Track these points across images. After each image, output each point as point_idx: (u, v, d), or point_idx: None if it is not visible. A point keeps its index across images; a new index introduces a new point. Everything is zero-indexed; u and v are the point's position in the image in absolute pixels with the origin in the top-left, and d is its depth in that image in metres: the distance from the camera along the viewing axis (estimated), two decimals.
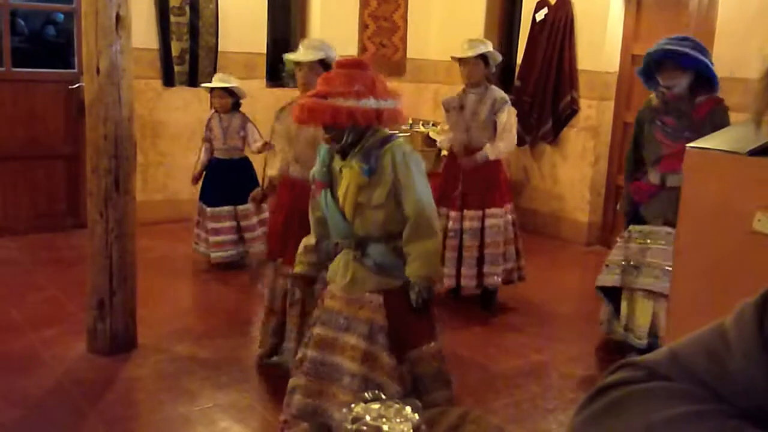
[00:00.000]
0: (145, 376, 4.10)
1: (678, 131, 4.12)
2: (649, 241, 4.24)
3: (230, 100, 5.91)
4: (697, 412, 0.72)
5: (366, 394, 1.05)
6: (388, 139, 2.92)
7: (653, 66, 4.14)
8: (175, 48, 7.12)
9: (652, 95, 4.30)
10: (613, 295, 4.46)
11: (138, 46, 4.56)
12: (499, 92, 5.08)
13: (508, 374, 4.32)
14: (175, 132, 7.12)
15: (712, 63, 4.06)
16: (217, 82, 5.90)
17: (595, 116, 7.08)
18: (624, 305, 4.35)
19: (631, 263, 4.28)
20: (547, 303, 5.67)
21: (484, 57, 4.99)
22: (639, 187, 4.35)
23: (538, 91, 7.32)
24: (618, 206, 4.78)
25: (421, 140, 7.35)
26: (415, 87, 8.31)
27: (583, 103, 7.13)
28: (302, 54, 4.01)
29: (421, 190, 2.88)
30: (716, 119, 3.93)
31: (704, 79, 4.07)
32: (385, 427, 0.97)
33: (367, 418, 1.00)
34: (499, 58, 5.13)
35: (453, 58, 5.12)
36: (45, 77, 6.78)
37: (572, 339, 4.95)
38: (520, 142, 7.58)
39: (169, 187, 7.19)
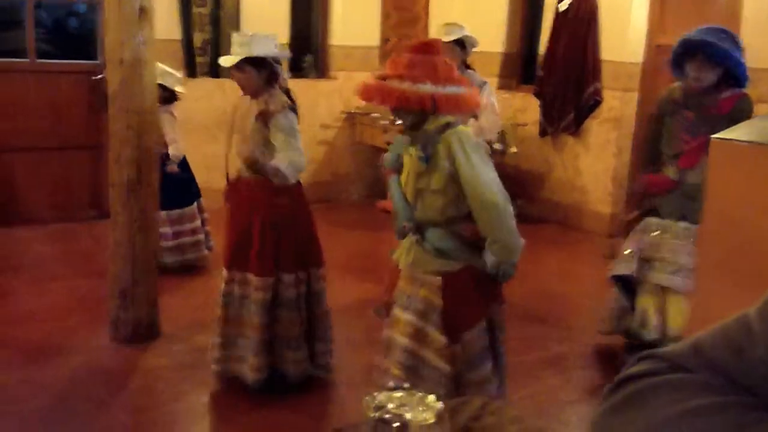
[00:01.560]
0: (167, 365, 4.14)
1: (695, 126, 4.03)
2: (666, 235, 4.18)
3: (162, 94, 5.08)
4: (718, 403, 0.71)
5: (390, 383, 1.05)
6: (447, 126, 2.88)
7: (685, 54, 4.02)
8: (198, 39, 7.14)
9: (675, 85, 4.22)
10: (627, 285, 4.39)
11: (160, 37, 4.58)
12: (475, 76, 5.07)
13: (529, 366, 4.31)
14: (197, 123, 7.15)
15: (744, 60, 3.96)
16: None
17: (618, 107, 7.02)
18: (639, 298, 4.29)
19: (645, 256, 4.22)
20: (569, 294, 5.65)
21: (460, 42, 4.98)
22: (655, 181, 4.26)
23: (561, 82, 7.27)
24: (635, 188, 4.66)
25: None
26: None
27: (607, 94, 7.07)
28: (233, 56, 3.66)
29: (483, 179, 2.83)
30: (737, 114, 3.82)
31: (731, 75, 3.98)
32: (408, 416, 0.97)
33: (390, 406, 1.00)
34: (476, 42, 5.12)
35: None
36: (68, 68, 6.84)
37: (593, 331, 4.92)
38: (543, 132, 7.56)
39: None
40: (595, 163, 7.24)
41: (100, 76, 6.34)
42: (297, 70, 7.95)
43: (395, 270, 3.12)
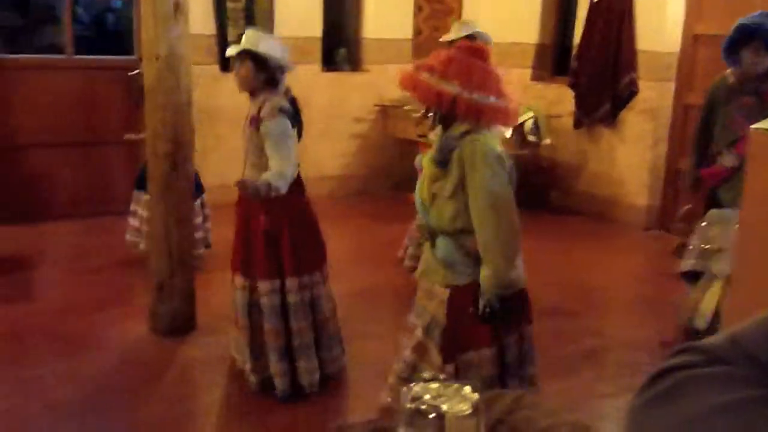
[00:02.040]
0: (203, 357, 4.19)
1: (755, 111, 3.97)
2: (728, 225, 4.12)
3: None
4: (756, 396, 0.71)
5: (424, 374, 1.05)
6: (469, 132, 2.72)
7: (740, 39, 3.96)
8: (232, 33, 7.19)
9: (726, 73, 4.16)
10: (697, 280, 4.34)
11: (195, 32, 4.61)
12: None
13: (563, 359, 4.29)
14: (231, 117, 7.19)
15: None
16: None
17: (654, 98, 6.93)
18: (697, 289, 4.24)
19: (709, 247, 4.17)
20: (604, 287, 5.60)
21: (472, 38, 4.85)
22: (711, 173, 4.19)
23: (596, 73, 7.19)
24: (684, 178, 4.56)
25: None
26: None
27: (643, 84, 6.99)
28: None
29: (482, 193, 2.67)
30: None
31: None
32: (444, 407, 0.98)
33: (426, 397, 1.00)
34: (490, 39, 4.91)
35: (441, 42, 5.00)
36: (105, 64, 6.92)
37: (629, 324, 4.89)
38: (577, 124, 7.50)
39: (225, 172, 7.28)
40: (631, 154, 7.16)
41: (136, 72, 6.41)
42: (330, 63, 7.96)
43: None
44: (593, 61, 7.21)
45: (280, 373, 3.69)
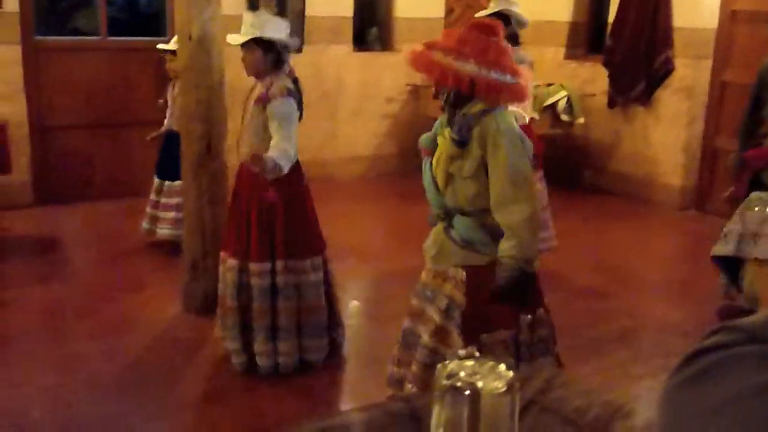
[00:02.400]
0: None
1: None
2: None
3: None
4: None
5: (460, 352, 1.05)
6: (488, 111, 2.70)
7: None
8: None
9: None
10: (730, 264, 4.26)
11: (227, 12, 4.62)
12: (518, 53, 4.64)
13: (596, 340, 4.27)
14: None
15: None
16: (170, 45, 5.26)
17: (691, 76, 6.82)
18: (744, 275, 4.16)
19: (749, 232, 4.09)
20: (638, 268, 5.56)
21: (504, 16, 4.66)
22: (758, 154, 4.07)
23: (631, 51, 7.09)
24: (730, 161, 4.42)
25: None
26: None
27: (679, 62, 6.88)
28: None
29: (506, 170, 2.67)
30: None
31: None
32: (480, 384, 0.98)
33: (462, 374, 1.00)
34: (524, 19, 4.78)
35: (477, 19, 4.85)
36: (138, 45, 6.96)
37: (663, 305, 4.84)
38: (611, 103, 7.41)
39: None
40: (667, 134, 7.06)
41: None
42: (361, 43, 7.94)
43: None
44: (628, 39, 7.11)
45: (266, 352, 3.70)
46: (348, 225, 6.09)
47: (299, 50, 7.19)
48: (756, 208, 4.25)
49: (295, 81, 3.71)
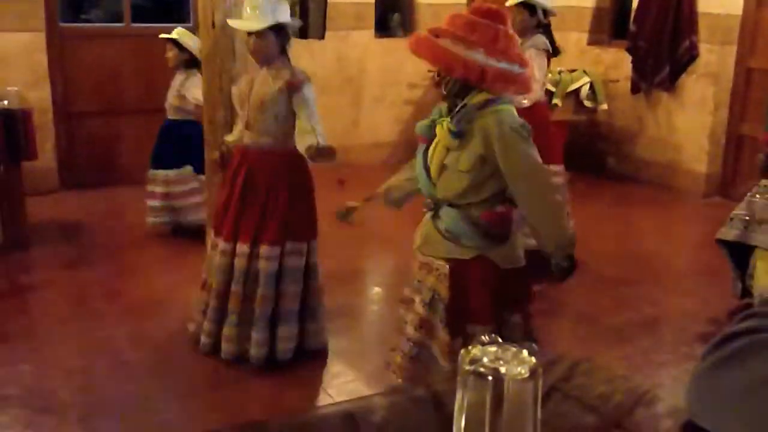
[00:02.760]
0: None
1: None
2: None
3: (179, 56, 5.39)
4: None
5: (483, 337, 1.06)
6: (490, 102, 2.63)
7: None
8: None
9: None
10: (736, 250, 4.24)
11: None
12: (539, 39, 4.65)
13: (620, 327, 4.26)
14: None
15: None
16: (173, 34, 5.39)
17: (715, 62, 6.75)
18: (750, 262, 4.14)
19: (756, 219, 4.07)
20: (662, 255, 5.53)
21: (529, 5, 4.65)
22: None
23: (655, 36, 7.02)
24: (758, 161, 4.37)
25: None
26: None
27: (703, 47, 6.80)
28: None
29: (529, 168, 2.64)
30: None
31: None
32: (503, 369, 0.99)
33: (485, 360, 1.01)
34: (550, 7, 4.72)
35: (507, 7, 4.81)
36: (162, 32, 6.98)
37: (687, 292, 4.82)
38: (635, 89, 7.34)
39: None
40: (691, 120, 7.00)
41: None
42: (384, 29, 7.93)
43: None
44: (652, 25, 7.04)
45: (262, 341, 3.64)
46: (370, 211, 6.09)
47: (322, 37, 7.19)
48: (764, 196, 4.19)
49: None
